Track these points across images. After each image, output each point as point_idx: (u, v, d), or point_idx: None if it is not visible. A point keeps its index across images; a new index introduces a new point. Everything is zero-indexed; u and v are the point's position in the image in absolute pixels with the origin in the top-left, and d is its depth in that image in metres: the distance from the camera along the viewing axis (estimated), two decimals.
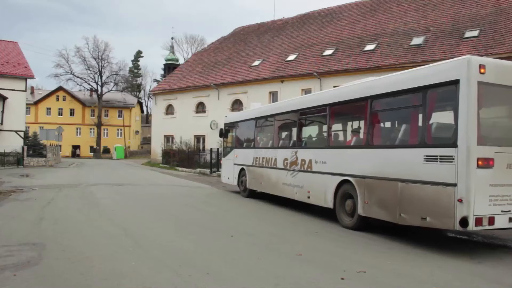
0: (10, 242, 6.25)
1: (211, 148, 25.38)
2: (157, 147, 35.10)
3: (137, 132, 68.58)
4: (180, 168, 28.49)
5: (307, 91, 22.56)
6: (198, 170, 26.27)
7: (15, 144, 29.49)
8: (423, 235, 7.79)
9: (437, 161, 6.12)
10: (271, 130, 12.17)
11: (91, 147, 61.09)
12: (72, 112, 61.89)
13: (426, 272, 5.19)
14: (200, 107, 31.89)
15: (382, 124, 8.31)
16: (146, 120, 76.33)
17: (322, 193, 8.97)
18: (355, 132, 8.77)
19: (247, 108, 24.99)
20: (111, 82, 59.77)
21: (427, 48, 19.80)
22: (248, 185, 13.09)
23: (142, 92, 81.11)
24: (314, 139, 10.64)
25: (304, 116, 10.29)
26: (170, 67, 55.38)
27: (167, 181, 19.67)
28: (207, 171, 24.97)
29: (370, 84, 8.00)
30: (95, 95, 59.88)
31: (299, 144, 10.33)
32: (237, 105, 28.83)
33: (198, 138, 31.66)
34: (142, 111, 76.27)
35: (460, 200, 5.72)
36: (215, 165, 24.18)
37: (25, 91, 31.53)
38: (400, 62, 19.60)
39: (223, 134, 15.38)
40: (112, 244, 6.36)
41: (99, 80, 58.84)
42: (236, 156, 14.11)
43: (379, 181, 7.25)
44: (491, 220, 5.82)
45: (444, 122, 6.45)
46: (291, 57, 26.62)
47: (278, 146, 11.53)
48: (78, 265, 5.13)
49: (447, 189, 5.89)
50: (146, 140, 63.43)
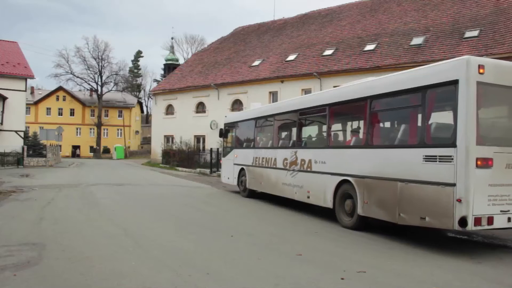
0: (10, 242, 6.25)
1: (211, 148, 25.38)
2: (157, 147, 35.10)
3: (137, 132, 68.58)
4: (180, 168, 28.49)
5: (307, 91, 22.56)
6: (198, 170, 26.28)
7: (15, 144, 29.50)
8: (423, 235, 7.80)
9: (436, 161, 6.13)
10: (271, 130, 12.18)
11: (91, 147, 61.10)
12: (72, 112, 61.91)
13: (426, 272, 5.20)
14: (200, 107, 31.90)
15: (381, 124, 8.32)
16: (146, 120, 76.33)
17: (322, 193, 8.98)
18: (355, 132, 8.78)
19: (247, 108, 25.00)
20: (111, 82, 59.92)
21: (427, 48, 19.80)
22: (248, 185, 13.10)
23: (142, 92, 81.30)
24: (313, 139, 10.65)
25: (303, 116, 10.30)
26: (170, 67, 55.38)
27: (167, 181, 19.68)
28: (207, 171, 24.98)
29: (370, 84, 8.01)
30: (95, 95, 59.89)
31: (299, 144, 10.34)
32: (237, 105, 28.83)
33: (198, 138, 31.66)
34: (142, 111, 76.30)
35: (459, 200, 5.73)
36: (215, 165, 24.18)
37: (25, 91, 31.54)
38: (400, 62, 19.60)
39: (223, 134, 15.39)
40: (112, 244, 6.37)
41: (99, 80, 58.96)
42: (236, 156, 14.12)
43: (379, 181, 7.26)
44: (490, 220, 5.84)
45: (443, 122, 6.46)
46: (291, 57, 26.62)
47: (278, 146, 11.54)
48: (78, 265, 5.14)
49: (446, 189, 5.91)
50: (146, 140, 63.43)
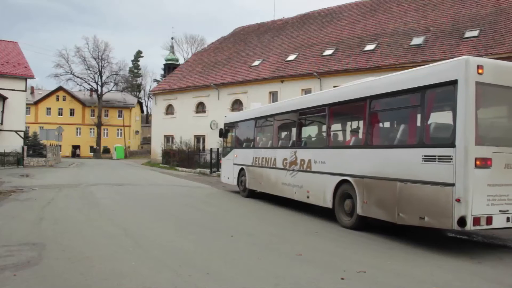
0: (10, 242, 6.26)
1: (211, 148, 25.39)
2: (157, 147, 35.10)
3: (137, 132, 68.59)
4: (180, 168, 28.50)
5: (307, 91, 22.56)
6: (198, 170, 26.28)
7: (15, 144, 29.50)
8: (423, 235, 7.81)
9: (435, 161, 6.14)
10: (271, 130, 12.19)
11: (91, 147, 61.10)
12: (72, 112, 61.90)
13: (426, 272, 5.21)
14: (200, 107, 31.90)
15: (381, 124, 8.33)
16: (146, 120, 76.33)
17: (321, 193, 8.99)
18: (354, 132, 8.79)
19: (247, 108, 25.01)
20: (111, 82, 59.90)
21: (427, 48, 19.80)
22: (248, 185, 13.11)
23: (142, 92, 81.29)
24: (313, 139, 10.65)
25: (303, 116, 10.31)
26: (170, 67, 55.38)
27: (167, 181, 19.69)
28: (207, 171, 24.99)
29: (369, 84, 8.02)
30: (95, 95, 59.88)
31: (299, 144, 10.35)
32: (237, 105, 28.84)
33: (198, 138, 31.66)
34: (142, 111, 76.29)
35: (458, 200, 5.74)
36: (215, 165, 24.18)
37: (25, 91, 31.54)
38: (400, 62, 19.61)
39: (223, 134, 15.40)
40: (112, 244, 6.37)
41: (99, 80, 58.95)
42: (236, 156, 14.12)
43: (378, 181, 7.27)
44: (489, 220, 5.85)
45: (442, 122, 6.47)
46: (291, 57, 26.62)
47: (278, 146, 11.55)
48: (78, 265, 5.15)
49: (445, 189, 5.91)
50: (146, 140, 63.44)
